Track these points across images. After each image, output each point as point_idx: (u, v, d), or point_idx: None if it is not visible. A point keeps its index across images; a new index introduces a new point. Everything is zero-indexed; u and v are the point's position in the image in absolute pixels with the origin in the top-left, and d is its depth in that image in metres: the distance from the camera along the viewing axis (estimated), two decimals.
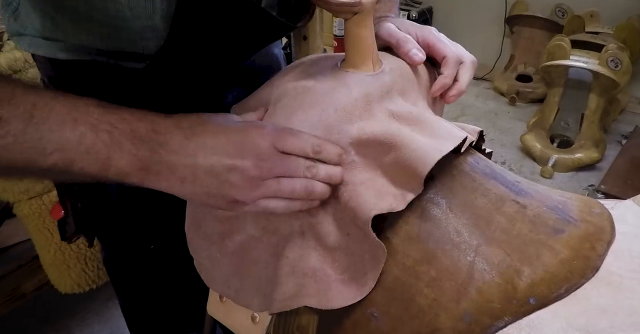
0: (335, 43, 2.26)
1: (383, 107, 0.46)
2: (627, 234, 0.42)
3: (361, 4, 0.43)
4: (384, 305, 0.41)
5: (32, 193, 1.01)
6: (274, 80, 0.51)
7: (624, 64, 1.68)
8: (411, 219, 0.43)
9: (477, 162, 0.47)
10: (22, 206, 1.02)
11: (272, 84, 0.50)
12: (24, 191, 0.99)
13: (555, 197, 0.46)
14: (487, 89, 2.47)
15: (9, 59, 0.64)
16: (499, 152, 1.96)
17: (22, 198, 1.00)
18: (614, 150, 1.84)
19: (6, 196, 1.00)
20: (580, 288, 0.38)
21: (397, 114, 0.46)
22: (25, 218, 1.04)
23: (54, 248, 1.06)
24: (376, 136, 0.43)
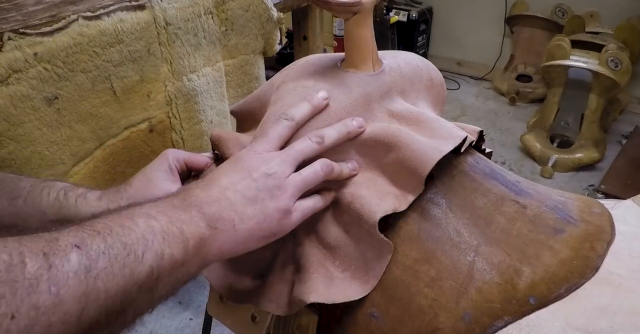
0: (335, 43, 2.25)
1: (383, 107, 0.46)
2: (627, 234, 0.42)
3: (361, 4, 0.43)
4: (384, 305, 0.41)
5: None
6: (274, 80, 0.51)
7: (624, 64, 1.68)
8: (411, 219, 0.43)
9: (477, 162, 0.47)
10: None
11: (272, 83, 0.50)
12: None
13: (555, 197, 0.46)
14: (487, 89, 2.47)
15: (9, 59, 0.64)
16: (499, 152, 1.96)
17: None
18: (614, 150, 1.84)
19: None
20: (580, 288, 0.38)
21: (397, 114, 0.46)
22: None
23: None
24: (376, 136, 0.43)
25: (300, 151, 0.41)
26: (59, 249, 0.27)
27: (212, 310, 0.53)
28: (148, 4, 0.79)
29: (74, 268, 0.27)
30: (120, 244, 0.30)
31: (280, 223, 0.39)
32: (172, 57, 0.86)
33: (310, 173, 0.41)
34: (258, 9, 1.00)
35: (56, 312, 0.25)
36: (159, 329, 1.26)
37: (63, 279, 0.26)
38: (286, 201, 0.39)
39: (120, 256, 0.29)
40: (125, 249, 0.30)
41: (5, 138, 0.67)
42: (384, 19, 2.13)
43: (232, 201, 0.38)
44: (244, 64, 1.04)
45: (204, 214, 0.36)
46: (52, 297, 0.25)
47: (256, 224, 0.38)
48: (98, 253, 0.28)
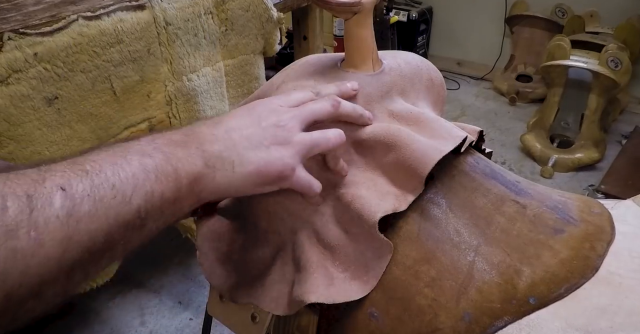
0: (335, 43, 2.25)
1: (383, 107, 0.46)
2: (627, 234, 0.42)
3: (361, 4, 0.43)
4: (384, 305, 0.41)
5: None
6: (274, 80, 0.51)
7: (624, 64, 1.68)
8: (411, 219, 0.43)
9: (477, 162, 0.47)
10: None
11: (272, 83, 0.50)
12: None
13: (555, 197, 0.46)
14: (487, 89, 2.47)
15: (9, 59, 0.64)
16: (499, 152, 1.96)
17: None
18: (614, 150, 1.84)
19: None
20: (580, 288, 0.38)
21: (397, 114, 0.46)
22: None
23: None
24: (376, 136, 0.43)
25: (313, 111, 0.41)
26: (44, 192, 0.27)
27: (212, 310, 0.53)
28: (148, 4, 0.79)
29: (57, 211, 0.27)
30: (107, 185, 0.29)
31: (280, 175, 0.38)
32: (172, 57, 0.86)
33: (321, 137, 0.40)
34: (258, 9, 1.00)
35: (35, 255, 0.26)
36: (159, 329, 1.26)
37: (44, 223, 0.26)
38: (290, 156, 0.38)
39: (106, 198, 0.29)
40: (112, 190, 0.29)
41: (5, 138, 0.67)
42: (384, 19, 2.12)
43: (235, 142, 0.37)
44: (244, 64, 1.04)
45: (203, 151, 0.35)
46: (32, 241, 0.25)
47: (255, 170, 0.37)
48: (83, 195, 0.28)
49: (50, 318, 1.29)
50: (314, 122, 0.41)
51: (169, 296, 1.36)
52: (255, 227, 0.47)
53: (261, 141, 0.38)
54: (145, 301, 1.34)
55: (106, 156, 0.31)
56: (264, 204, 0.45)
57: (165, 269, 1.44)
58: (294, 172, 0.39)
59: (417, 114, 0.46)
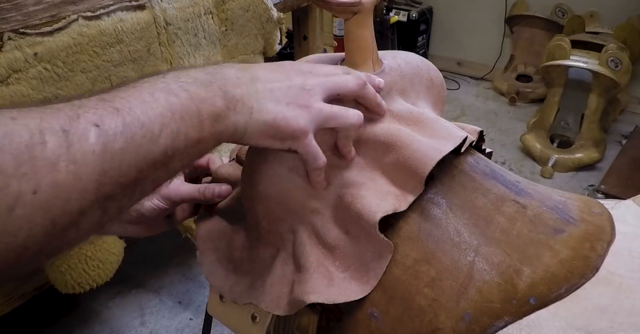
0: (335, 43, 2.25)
1: None
2: (627, 234, 0.42)
3: (361, 4, 0.43)
4: (384, 305, 0.41)
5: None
6: None
7: (624, 64, 1.68)
8: (411, 219, 0.43)
9: (477, 162, 0.47)
10: None
11: None
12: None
13: (555, 197, 0.46)
14: (487, 89, 2.47)
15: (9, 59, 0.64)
16: (499, 152, 1.96)
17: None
18: (614, 150, 1.84)
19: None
20: (580, 288, 0.38)
21: (397, 114, 0.46)
22: None
23: None
24: (376, 136, 0.43)
25: (340, 84, 0.41)
26: (79, 127, 0.28)
27: (212, 310, 0.53)
28: (148, 4, 0.79)
29: (92, 147, 0.28)
30: (138, 123, 0.30)
31: (293, 133, 0.38)
32: (172, 57, 0.86)
33: (342, 112, 0.40)
34: (258, 9, 1.00)
35: (75, 188, 0.27)
36: (159, 329, 1.26)
37: (81, 158, 0.27)
38: (307, 119, 0.39)
39: (136, 136, 0.30)
40: (142, 129, 0.30)
41: None
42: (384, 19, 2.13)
43: (258, 91, 0.37)
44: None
45: (225, 92, 0.36)
46: (71, 174, 0.27)
47: (272, 120, 0.37)
48: (116, 132, 0.29)
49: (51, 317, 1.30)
50: (337, 96, 0.41)
51: (169, 296, 1.36)
52: (255, 227, 0.47)
53: (283, 97, 0.38)
54: (145, 301, 1.34)
55: (134, 92, 0.32)
56: (264, 204, 0.45)
57: (165, 269, 1.44)
58: (306, 137, 0.39)
59: (417, 114, 0.46)
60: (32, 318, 1.28)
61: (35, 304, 1.27)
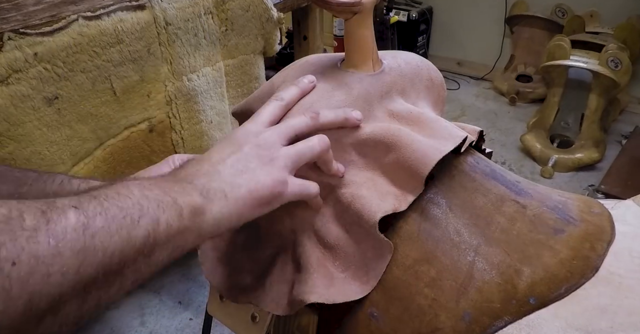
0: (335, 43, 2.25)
1: (383, 107, 0.46)
2: (627, 234, 0.42)
3: (361, 4, 0.43)
4: (384, 305, 0.41)
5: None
6: (274, 80, 0.51)
7: (624, 64, 1.68)
8: (411, 219, 0.43)
9: (477, 162, 0.47)
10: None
11: (272, 83, 0.50)
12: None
13: (555, 197, 0.46)
14: (487, 89, 2.47)
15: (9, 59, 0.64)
16: (499, 152, 1.96)
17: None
18: (614, 150, 1.84)
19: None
20: (580, 288, 0.38)
21: (397, 114, 0.46)
22: None
23: None
24: (376, 135, 0.43)
25: (292, 125, 0.41)
26: (57, 208, 0.27)
27: (212, 310, 0.53)
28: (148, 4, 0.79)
29: (72, 224, 0.27)
30: (116, 208, 0.30)
31: (273, 192, 0.39)
32: (172, 57, 0.86)
33: (304, 146, 0.41)
34: (258, 9, 1.00)
35: (55, 263, 0.26)
36: (159, 329, 1.26)
37: (61, 233, 0.26)
38: (278, 171, 0.39)
39: (117, 218, 0.29)
40: (121, 212, 0.30)
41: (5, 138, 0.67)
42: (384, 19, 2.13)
43: (221, 172, 0.38)
44: (244, 64, 1.04)
45: (195, 185, 0.36)
46: (51, 248, 0.26)
47: (247, 193, 0.38)
48: (95, 213, 0.29)
49: None
50: (296, 137, 0.41)
51: (169, 296, 1.36)
52: (255, 227, 0.47)
53: (246, 164, 0.38)
54: (145, 301, 1.34)
55: (110, 188, 0.32)
56: None
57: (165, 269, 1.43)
58: (287, 186, 0.39)
59: (417, 114, 0.46)
60: None
61: None
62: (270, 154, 0.39)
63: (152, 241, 0.31)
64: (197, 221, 0.35)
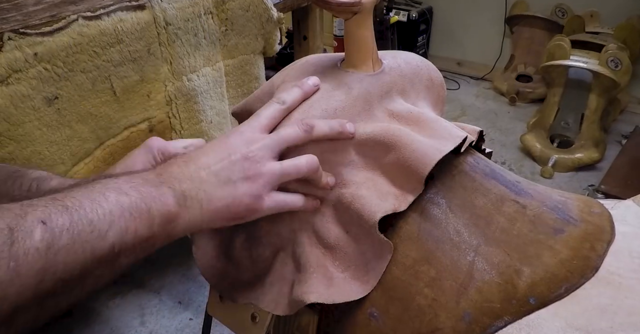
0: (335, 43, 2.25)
1: (383, 107, 0.46)
2: (627, 234, 0.42)
3: (361, 4, 0.43)
4: (384, 305, 0.41)
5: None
6: (274, 80, 0.51)
7: (624, 64, 1.68)
8: (411, 219, 0.43)
9: (477, 162, 0.47)
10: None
11: (272, 83, 0.50)
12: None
13: (555, 197, 0.46)
14: (487, 89, 2.47)
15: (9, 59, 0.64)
16: (499, 152, 1.96)
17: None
18: (614, 150, 1.84)
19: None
20: (580, 288, 0.38)
21: (397, 114, 0.46)
22: None
23: None
24: (376, 135, 0.43)
25: (284, 138, 0.41)
26: (25, 225, 0.28)
27: (212, 310, 0.53)
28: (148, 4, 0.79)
29: (36, 244, 0.28)
30: (86, 221, 0.31)
31: (249, 208, 0.39)
32: (172, 57, 0.86)
33: (291, 165, 0.41)
34: (258, 9, 1.00)
35: (13, 285, 0.27)
36: (159, 329, 1.26)
37: (23, 255, 0.28)
38: (259, 187, 0.39)
39: (83, 233, 0.30)
40: (90, 226, 0.31)
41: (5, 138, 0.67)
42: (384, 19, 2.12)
43: (203, 180, 0.38)
44: (244, 64, 1.04)
45: (174, 191, 0.37)
46: (10, 271, 0.27)
47: (224, 206, 0.38)
48: (62, 229, 0.29)
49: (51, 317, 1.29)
50: (287, 149, 0.41)
51: (169, 296, 1.36)
52: (255, 226, 0.47)
53: (229, 176, 0.39)
54: (145, 301, 1.34)
55: (85, 192, 0.33)
56: None
57: (165, 269, 1.44)
58: (263, 202, 0.40)
59: (417, 114, 0.46)
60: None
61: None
62: (256, 169, 0.39)
63: (117, 251, 0.32)
64: (167, 228, 0.36)
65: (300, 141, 0.42)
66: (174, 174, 0.38)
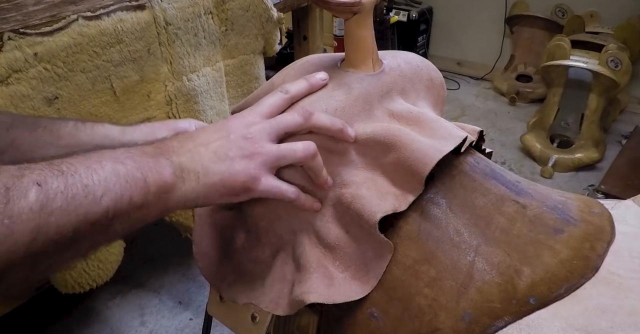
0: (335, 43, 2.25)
1: (383, 107, 0.46)
2: (627, 234, 0.42)
3: (361, 4, 0.43)
4: (384, 305, 0.41)
5: None
6: (274, 80, 0.51)
7: (624, 64, 1.68)
8: (411, 219, 0.43)
9: (477, 162, 0.47)
10: None
11: (272, 83, 0.50)
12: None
13: (555, 197, 0.46)
14: (487, 89, 2.47)
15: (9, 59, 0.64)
16: (499, 152, 1.96)
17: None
18: (614, 150, 1.84)
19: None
20: (580, 288, 0.38)
21: (397, 114, 0.46)
22: None
23: None
24: (376, 135, 0.43)
25: (283, 123, 0.41)
26: (21, 185, 0.29)
27: (212, 310, 0.53)
28: (148, 4, 0.79)
29: (30, 204, 0.29)
30: (80, 185, 0.31)
31: (244, 186, 0.39)
32: (172, 57, 0.86)
33: (287, 148, 0.41)
34: (258, 9, 1.00)
35: (5, 241, 0.28)
36: (159, 329, 1.26)
37: (17, 213, 0.28)
38: (255, 166, 0.40)
39: (77, 196, 0.31)
40: (84, 190, 0.31)
41: None
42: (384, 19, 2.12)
43: (201, 155, 0.39)
44: (244, 64, 1.04)
45: (171, 162, 0.37)
46: (4, 228, 0.28)
47: (219, 181, 0.39)
48: (57, 192, 0.30)
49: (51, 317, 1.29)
50: (286, 134, 0.42)
51: (169, 296, 1.36)
52: (255, 227, 0.47)
53: (227, 152, 0.39)
54: (145, 301, 1.34)
55: (82, 159, 0.33)
56: (265, 204, 0.45)
57: (165, 269, 1.44)
58: (259, 182, 0.40)
59: (417, 114, 0.46)
60: (32, 318, 1.28)
61: (35, 304, 1.27)
62: (253, 148, 0.40)
63: (111, 216, 0.33)
64: (162, 197, 0.36)
65: (299, 126, 0.42)
66: (173, 147, 0.38)
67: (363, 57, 0.46)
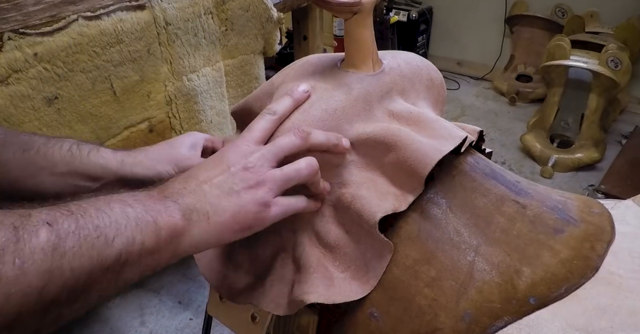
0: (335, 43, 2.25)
1: (383, 107, 0.46)
2: (627, 234, 0.42)
3: (361, 4, 0.43)
4: (384, 305, 0.41)
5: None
6: (274, 80, 0.51)
7: (624, 64, 1.68)
8: (411, 219, 0.43)
9: (477, 162, 0.47)
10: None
11: (272, 83, 0.50)
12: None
13: (555, 197, 0.46)
14: (487, 89, 2.47)
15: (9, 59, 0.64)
16: (499, 152, 1.96)
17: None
18: (614, 150, 1.84)
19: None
20: (580, 288, 0.38)
21: (397, 114, 0.46)
22: None
23: None
24: (376, 135, 0.43)
25: (281, 146, 0.41)
26: (30, 224, 0.28)
27: (212, 310, 0.53)
28: (148, 4, 0.79)
29: (42, 244, 0.27)
30: (92, 226, 0.30)
31: (257, 216, 0.39)
32: (172, 57, 0.86)
33: (291, 170, 0.40)
34: (258, 9, 1.00)
35: (18, 283, 0.26)
36: (159, 329, 1.26)
37: (29, 253, 0.27)
38: (263, 194, 0.39)
39: (90, 238, 0.30)
40: (96, 231, 0.30)
41: None
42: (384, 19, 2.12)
43: (207, 193, 0.38)
44: (244, 64, 1.04)
45: (179, 204, 0.36)
46: (16, 269, 0.26)
47: (231, 217, 0.38)
48: (68, 232, 0.29)
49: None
50: (285, 158, 0.41)
51: (169, 296, 1.36)
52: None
53: (232, 186, 0.38)
54: (145, 301, 1.34)
55: (90, 202, 0.32)
56: None
57: (165, 269, 1.44)
58: (270, 210, 0.39)
59: (417, 114, 0.46)
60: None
61: None
62: (257, 177, 0.39)
63: (123, 261, 0.32)
64: (174, 242, 0.35)
65: (297, 148, 0.41)
66: (177, 189, 0.37)
67: (363, 57, 0.46)
